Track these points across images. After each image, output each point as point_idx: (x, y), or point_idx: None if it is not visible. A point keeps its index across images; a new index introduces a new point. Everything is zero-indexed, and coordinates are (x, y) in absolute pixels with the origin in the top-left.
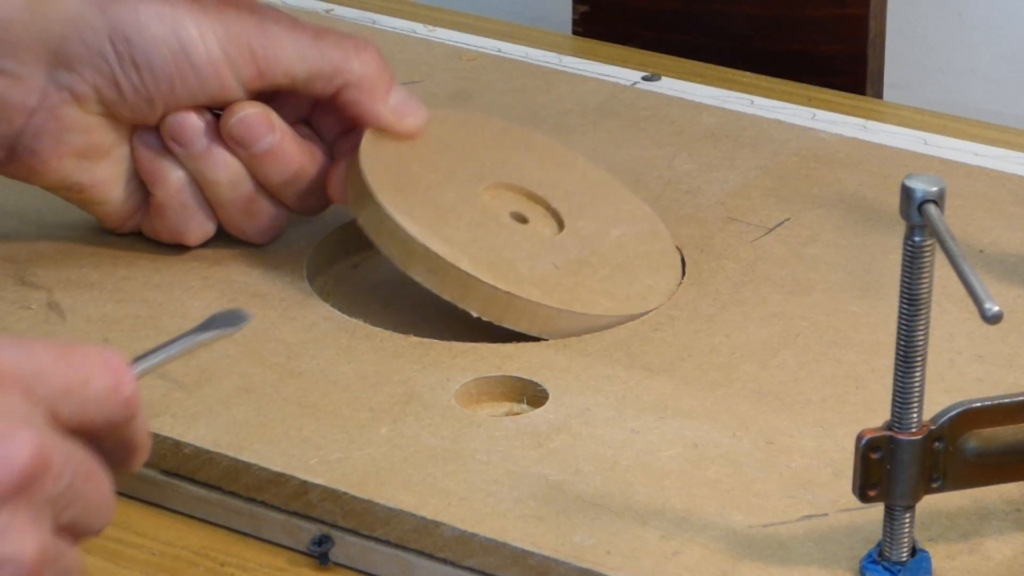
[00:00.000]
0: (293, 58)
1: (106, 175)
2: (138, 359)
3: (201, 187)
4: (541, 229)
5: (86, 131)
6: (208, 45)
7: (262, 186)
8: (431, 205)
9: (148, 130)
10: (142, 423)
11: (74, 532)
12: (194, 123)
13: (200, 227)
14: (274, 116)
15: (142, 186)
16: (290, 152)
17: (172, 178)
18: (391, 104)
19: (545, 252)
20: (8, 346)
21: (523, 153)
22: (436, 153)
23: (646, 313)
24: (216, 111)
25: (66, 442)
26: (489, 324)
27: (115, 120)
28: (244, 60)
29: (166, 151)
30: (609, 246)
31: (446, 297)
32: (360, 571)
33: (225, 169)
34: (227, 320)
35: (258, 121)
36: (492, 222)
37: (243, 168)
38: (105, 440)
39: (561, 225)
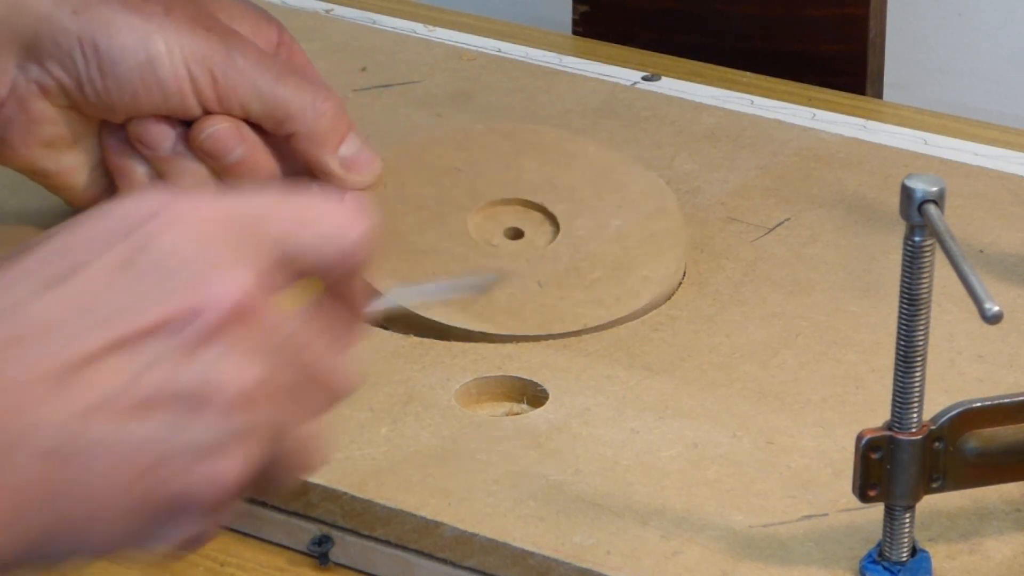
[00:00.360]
0: (249, 93)
1: (72, 163)
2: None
3: (169, 182)
4: (537, 239)
5: (53, 123)
6: (174, 62)
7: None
8: (408, 252)
9: (117, 126)
10: (366, 281)
11: (292, 400)
12: (160, 130)
13: None
14: (244, 128)
15: (107, 176)
16: (260, 162)
17: (137, 174)
18: (341, 156)
19: (532, 269)
20: (230, 194)
21: (526, 157)
22: (430, 182)
23: (633, 315)
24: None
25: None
26: (489, 324)
27: (81, 114)
28: (205, 83)
29: (133, 148)
30: (607, 241)
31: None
32: (360, 571)
33: (191, 175)
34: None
35: (228, 136)
36: (476, 251)
37: (208, 173)
38: (331, 293)
39: (558, 230)
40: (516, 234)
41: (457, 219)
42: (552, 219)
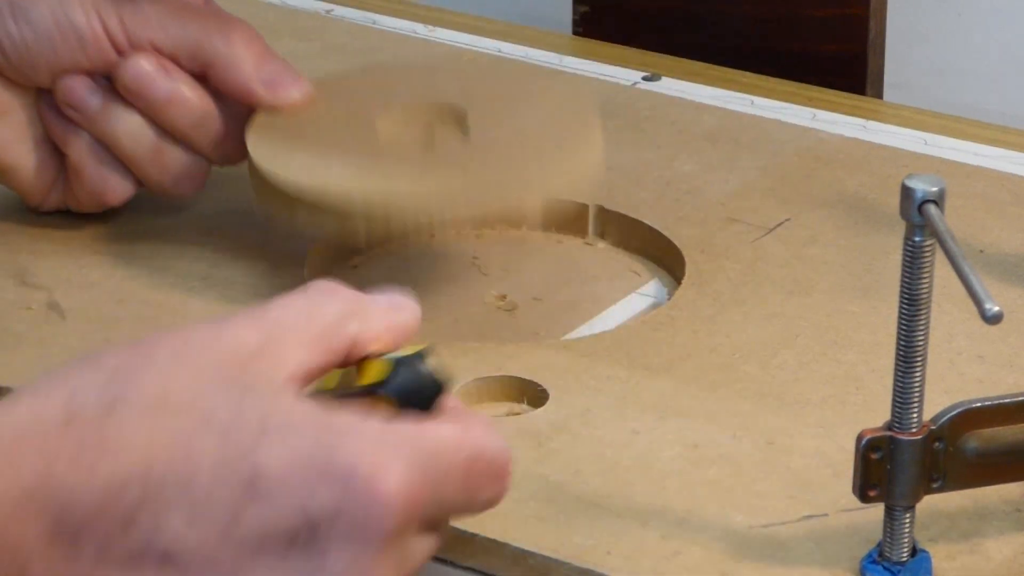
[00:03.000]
0: (158, 32)
1: (10, 137)
2: None
3: (107, 145)
4: (447, 133)
5: None
6: (87, 9)
7: (171, 135)
8: (314, 151)
9: (53, 101)
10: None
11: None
12: (84, 86)
13: (118, 185)
14: (166, 62)
15: (55, 155)
16: (190, 97)
17: (80, 138)
18: (263, 79)
19: (433, 155)
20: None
21: (443, 77)
22: (341, 106)
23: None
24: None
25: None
26: (489, 326)
27: (11, 82)
28: (115, 27)
29: (70, 119)
30: (519, 135)
31: (333, 230)
32: None
33: (122, 123)
34: None
35: (150, 69)
36: (385, 150)
37: (141, 119)
38: None
39: (467, 132)
40: (427, 131)
41: (367, 126)
42: (462, 124)
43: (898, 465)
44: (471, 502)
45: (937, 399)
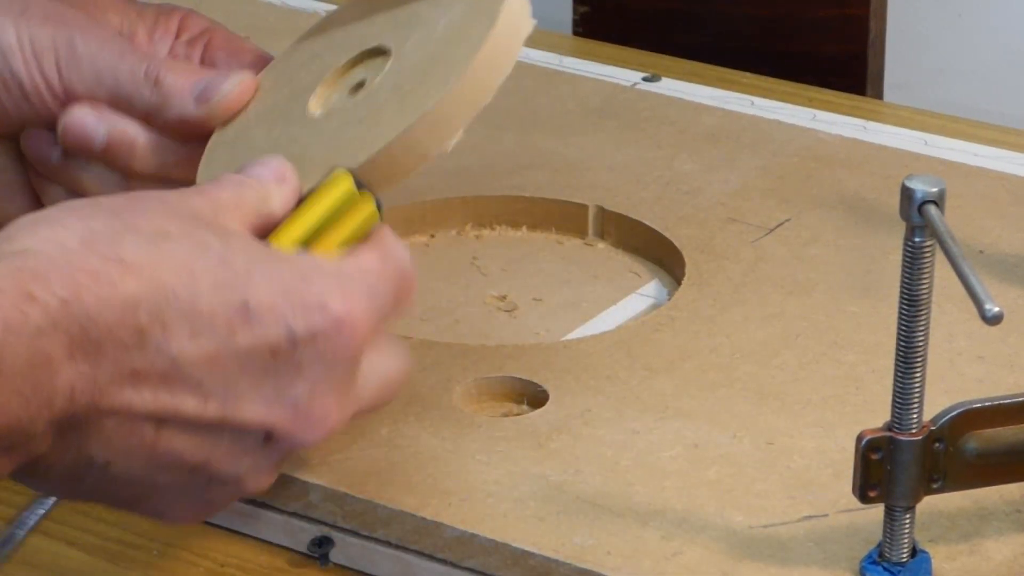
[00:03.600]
0: (91, 77)
1: None
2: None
3: (79, 195)
4: (372, 82)
5: None
6: (25, 54)
7: (133, 174)
8: (248, 155)
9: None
10: None
11: None
12: (42, 139)
13: None
14: (101, 107)
15: (39, 206)
16: (135, 137)
17: (53, 190)
18: (197, 96)
19: (355, 115)
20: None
21: (382, 13)
22: (283, 89)
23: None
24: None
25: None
26: (489, 326)
27: None
28: (52, 73)
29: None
30: (431, 45)
31: None
32: (360, 571)
33: (85, 171)
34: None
35: (83, 121)
36: (309, 129)
37: (105, 172)
38: None
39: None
40: (358, 87)
41: (299, 103)
42: (387, 55)
43: (898, 465)
44: (395, 316)
45: (937, 399)
